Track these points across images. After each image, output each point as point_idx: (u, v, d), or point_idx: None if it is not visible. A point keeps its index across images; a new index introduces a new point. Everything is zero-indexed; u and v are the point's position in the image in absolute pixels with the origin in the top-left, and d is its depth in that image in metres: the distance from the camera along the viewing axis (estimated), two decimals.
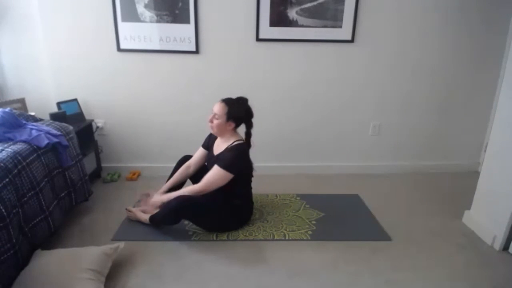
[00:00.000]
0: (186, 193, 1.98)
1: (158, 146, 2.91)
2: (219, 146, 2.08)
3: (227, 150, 2.00)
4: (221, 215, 2.05)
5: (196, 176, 2.23)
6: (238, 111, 2.00)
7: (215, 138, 2.14)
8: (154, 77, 2.72)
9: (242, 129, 2.12)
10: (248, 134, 2.09)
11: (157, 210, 2.05)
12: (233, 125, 2.00)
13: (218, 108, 1.98)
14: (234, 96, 2.10)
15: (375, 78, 2.80)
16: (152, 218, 2.06)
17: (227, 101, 2.00)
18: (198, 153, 2.26)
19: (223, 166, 1.93)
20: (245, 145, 2.05)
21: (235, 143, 2.01)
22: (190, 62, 2.69)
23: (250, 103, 2.76)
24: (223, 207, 2.04)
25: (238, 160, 1.97)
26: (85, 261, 1.59)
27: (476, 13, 2.65)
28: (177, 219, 2.02)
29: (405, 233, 2.12)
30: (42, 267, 1.55)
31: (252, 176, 2.16)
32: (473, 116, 2.96)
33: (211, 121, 2.00)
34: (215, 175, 1.94)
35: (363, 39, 2.68)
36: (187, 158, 2.31)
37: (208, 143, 2.21)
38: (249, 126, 2.08)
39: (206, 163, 2.20)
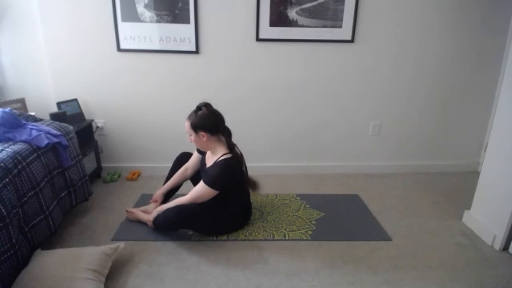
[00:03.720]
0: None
1: (158, 146, 2.91)
2: (210, 158, 2.04)
3: (214, 164, 1.93)
4: (220, 222, 2.05)
5: (195, 178, 2.24)
6: (199, 121, 1.89)
7: None
8: (154, 77, 2.72)
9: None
10: (229, 147, 1.95)
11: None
12: (206, 135, 1.90)
13: (186, 125, 1.94)
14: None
15: (375, 78, 2.80)
16: (155, 223, 2.04)
17: (189, 116, 1.93)
18: (194, 157, 2.24)
19: (207, 183, 1.90)
20: (234, 159, 1.93)
21: (223, 157, 1.92)
22: (190, 62, 2.69)
23: (250, 102, 2.79)
24: (220, 215, 2.02)
25: (222, 177, 1.90)
26: (85, 261, 1.59)
27: (476, 13, 2.66)
28: (176, 228, 2.04)
29: (405, 233, 2.12)
30: (42, 267, 1.55)
31: (245, 183, 2.08)
32: (473, 116, 2.96)
33: (190, 140, 1.98)
34: (201, 191, 1.93)
35: (363, 39, 2.68)
36: (184, 155, 2.30)
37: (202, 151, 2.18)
38: (224, 132, 1.96)
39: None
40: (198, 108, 1.93)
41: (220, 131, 1.94)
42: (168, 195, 2.29)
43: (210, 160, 2.03)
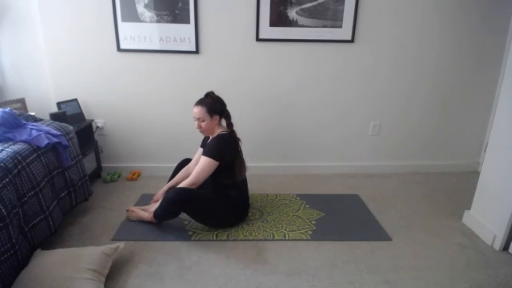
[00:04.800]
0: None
1: (158, 146, 2.91)
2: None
3: (212, 139, 2.12)
4: (218, 206, 2.07)
5: None
6: (213, 104, 2.06)
7: (208, 137, 2.21)
8: (154, 77, 2.72)
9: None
10: (229, 125, 2.12)
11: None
12: (217, 118, 2.08)
13: (198, 112, 2.04)
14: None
15: (375, 78, 2.80)
16: (154, 213, 2.08)
17: (201, 102, 2.06)
18: (197, 155, 2.30)
19: (207, 154, 2.02)
20: (228, 134, 2.10)
21: (220, 133, 2.09)
22: (190, 62, 2.69)
23: (250, 102, 2.80)
24: (219, 198, 2.07)
25: (220, 147, 2.04)
26: (85, 261, 1.59)
27: (476, 13, 2.66)
28: (175, 211, 2.06)
29: (405, 233, 2.12)
30: (42, 267, 1.55)
31: (242, 164, 2.15)
32: (473, 116, 2.96)
33: (200, 126, 2.08)
34: (202, 164, 2.02)
35: (363, 39, 2.68)
36: (186, 161, 2.34)
37: (204, 143, 2.26)
38: (226, 116, 2.12)
39: None
40: (207, 95, 2.10)
41: (225, 114, 2.12)
42: None
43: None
